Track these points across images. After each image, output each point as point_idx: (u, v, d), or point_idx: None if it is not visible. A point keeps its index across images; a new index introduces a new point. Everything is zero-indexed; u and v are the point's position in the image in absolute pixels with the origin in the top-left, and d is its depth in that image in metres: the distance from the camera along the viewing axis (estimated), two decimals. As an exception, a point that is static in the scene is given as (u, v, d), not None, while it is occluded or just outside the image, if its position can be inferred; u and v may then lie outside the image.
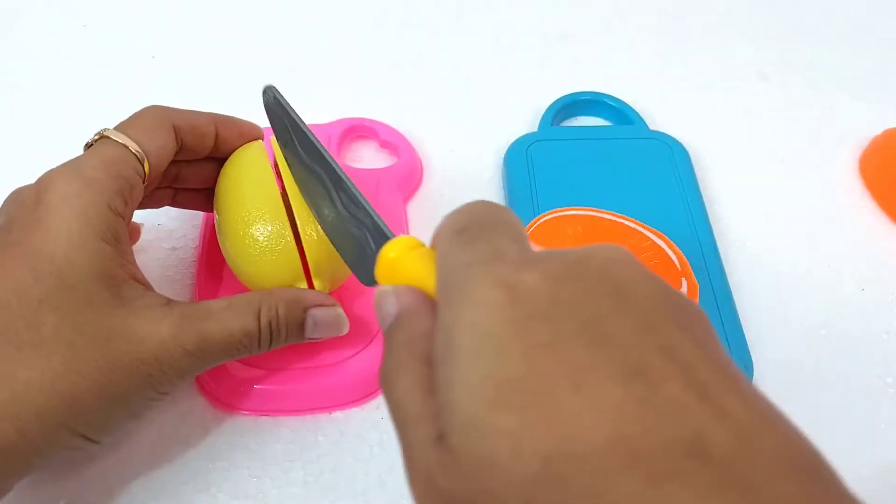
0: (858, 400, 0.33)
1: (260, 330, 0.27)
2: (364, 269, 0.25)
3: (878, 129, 0.43)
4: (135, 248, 0.37)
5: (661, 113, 0.45)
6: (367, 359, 0.32)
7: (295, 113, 0.29)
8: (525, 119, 0.44)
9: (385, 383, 0.20)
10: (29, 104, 0.45)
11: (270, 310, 0.27)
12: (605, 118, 0.45)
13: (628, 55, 0.49)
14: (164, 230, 0.38)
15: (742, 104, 0.46)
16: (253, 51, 0.48)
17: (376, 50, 0.49)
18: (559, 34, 0.50)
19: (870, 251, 0.39)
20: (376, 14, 0.51)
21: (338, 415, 0.32)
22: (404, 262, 0.22)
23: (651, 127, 0.43)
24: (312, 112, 0.43)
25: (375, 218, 0.25)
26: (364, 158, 0.42)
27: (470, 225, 0.20)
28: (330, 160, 0.27)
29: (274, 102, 0.30)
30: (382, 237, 0.24)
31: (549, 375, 0.16)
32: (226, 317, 0.26)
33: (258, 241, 0.29)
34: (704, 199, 0.39)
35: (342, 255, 0.28)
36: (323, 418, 0.32)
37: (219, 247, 0.31)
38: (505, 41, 0.50)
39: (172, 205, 0.33)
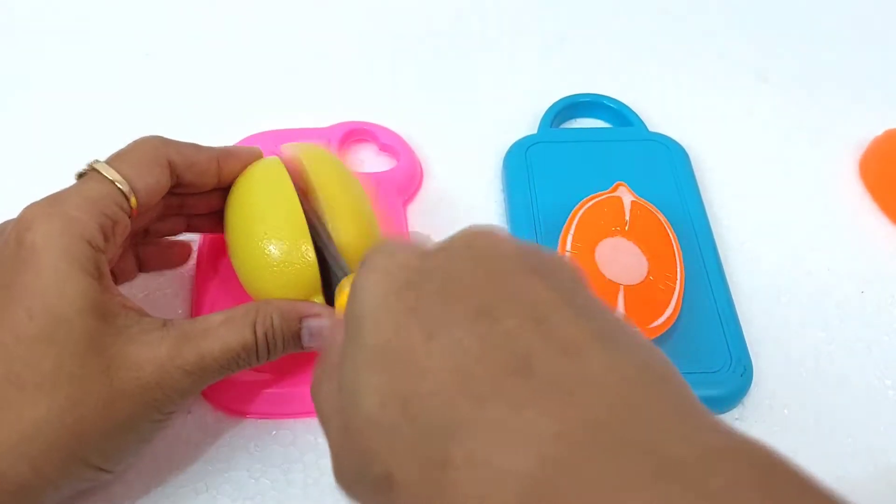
0: (858, 402, 0.33)
1: (257, 342, 0.27)
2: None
3: (878, 130, 0.43)
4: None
5: (660, 115, 0.45)
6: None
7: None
8: (524, 121, 0.44)
9: (311, 395, 0.22)
10: (24, 100, 0.45)
11: (266, 321, 0.27)
12: (605, 120, 0.45)
13: (627, 57, 0.49)
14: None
15: (741, 105, 0.46)
16: (252, 55, 0.48)
17: (376, 53, 0.49)
18: (558, 36, 0.50)
19: (870, 253, 0.39)
20: (376, 17, 0.51)
21: (337, 417, 0.32)
22: None
23: (650, 128, 0.43)
24: (312, 116, 0.43)
25: (339, 259, 0.27)
26: (364, 162, 0.42)
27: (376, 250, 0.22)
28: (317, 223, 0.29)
29: None
30: (344, 273, 0.26)
31: (411, 332, 0.18)
32: (223, 332, 0.26)
33: (274, 256, 0.28)
34: (704, 201, 0.39)
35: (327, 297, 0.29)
36: (322, 420, 0.32)
37: (217, 251, 0.31)
38: (504, 43, 0.50)
39: (188, 230, 0.33)
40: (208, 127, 0.43)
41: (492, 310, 0.18)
